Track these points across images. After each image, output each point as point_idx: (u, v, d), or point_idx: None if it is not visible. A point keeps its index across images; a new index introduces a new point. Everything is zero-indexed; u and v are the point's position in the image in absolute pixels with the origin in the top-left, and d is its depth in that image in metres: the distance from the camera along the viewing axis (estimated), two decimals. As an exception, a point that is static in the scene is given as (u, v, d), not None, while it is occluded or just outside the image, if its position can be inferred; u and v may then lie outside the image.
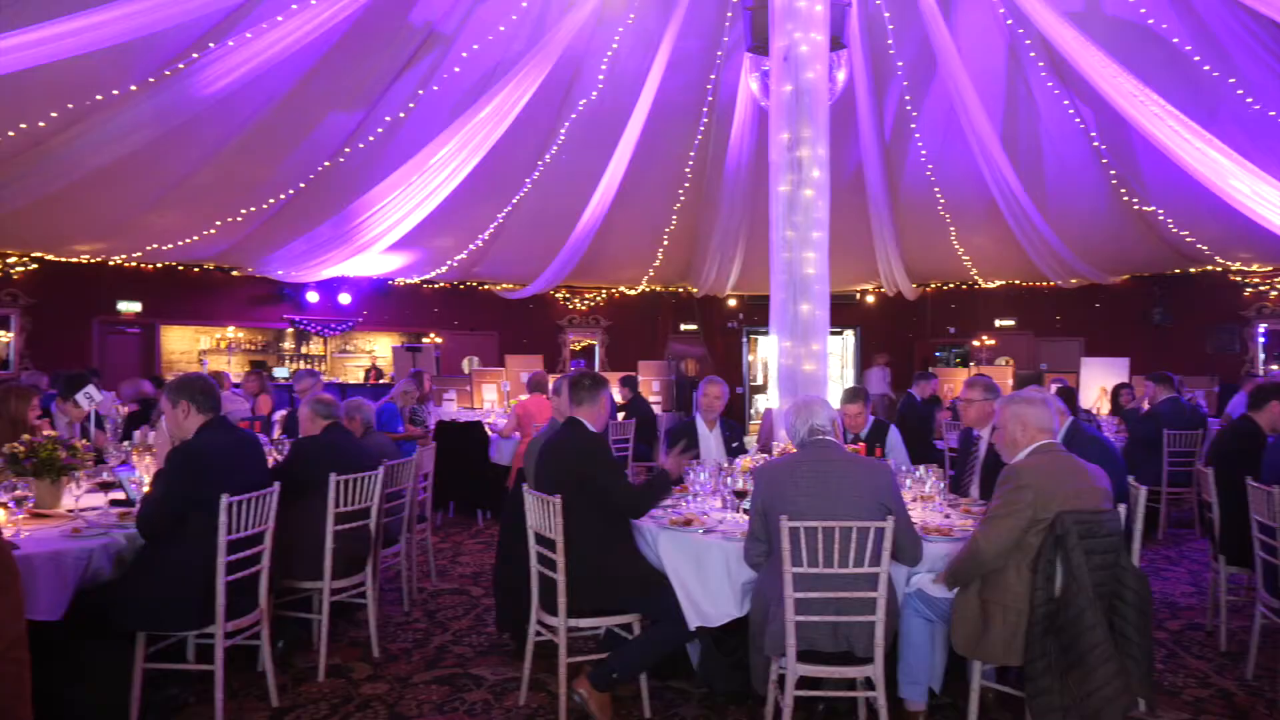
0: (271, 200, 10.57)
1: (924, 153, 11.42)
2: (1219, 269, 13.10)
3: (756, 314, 15.45)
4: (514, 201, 11.95)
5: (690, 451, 4.57)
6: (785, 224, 6.10)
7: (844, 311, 15.36)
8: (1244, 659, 4.35)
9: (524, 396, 8.23)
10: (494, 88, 9.24)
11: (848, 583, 3.18)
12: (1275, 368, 12.97)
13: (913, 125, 11.00)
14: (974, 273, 14.63)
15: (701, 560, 3.74)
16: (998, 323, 15.28)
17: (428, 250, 13.02)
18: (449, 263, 13.54)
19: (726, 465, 4.68)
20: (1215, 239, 11.88)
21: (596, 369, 13.39)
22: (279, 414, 7.40)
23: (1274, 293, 13.06)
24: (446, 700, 3.98)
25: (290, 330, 14.21)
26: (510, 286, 14.83)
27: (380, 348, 15.09)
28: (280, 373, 13.32)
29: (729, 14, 9.52)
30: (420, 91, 9.52)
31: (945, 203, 12.27)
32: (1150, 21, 8.43)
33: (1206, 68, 8.67)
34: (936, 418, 8.69)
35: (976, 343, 15.07)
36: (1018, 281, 14.77)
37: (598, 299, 15.80)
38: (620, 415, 8.58)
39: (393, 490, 4.97)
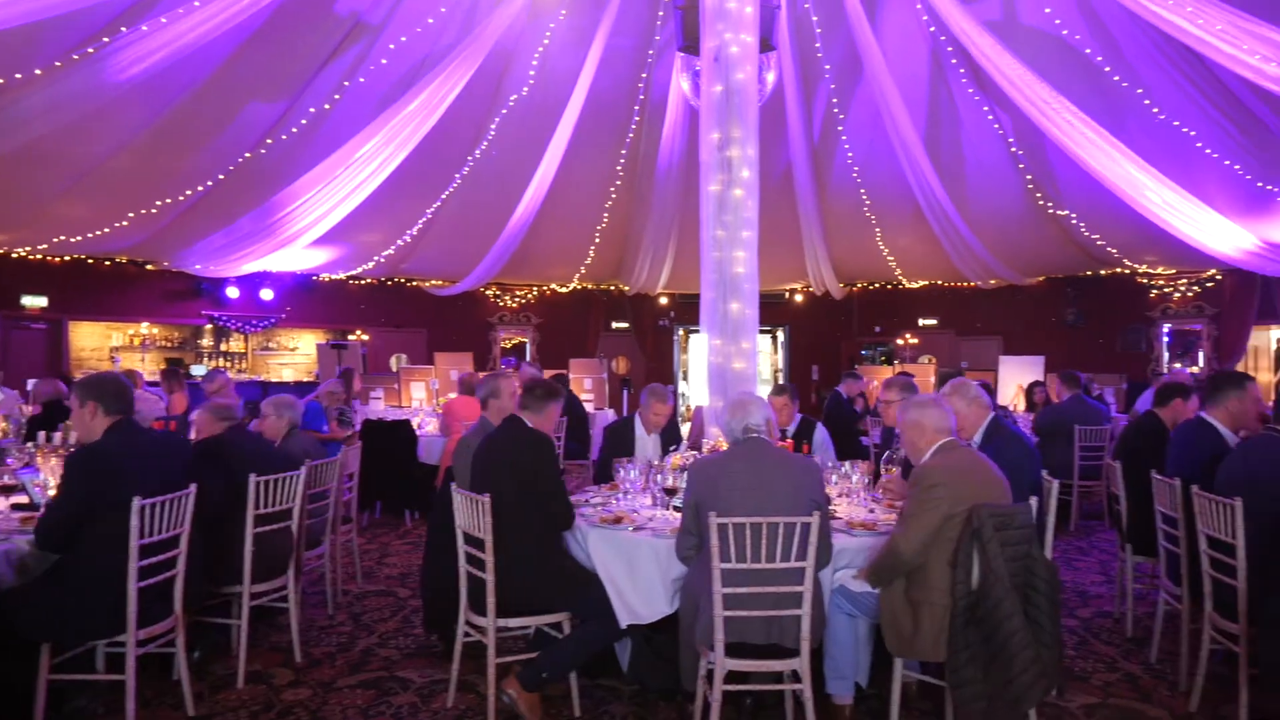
0: (189, 191, 10.21)
1: (851, 155, 11.64)
2: (1127, 271, 13.69)
3: (688, 312, 15.55)
4: (443, 197, 11.78)
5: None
6: (715, 223, 6.14)
7: (774, 310, 15.58)
8: (1148, 643, 4.56)
9: (452, 395, 8.12)
10: (423, 81, 9.09)
11: (777, 577, 3.23)
12: (1178, 366, 13.61)
13: (840, 128, 11.20)
14: (899, 273, 14.99)
15: (632, 558, 3.75)
16: (921, 322, 15.69)
17: (354, 245, 12.74)
18: (376, 258, 13.28)
19: (657, 463, 4.70)
20: (1124, 243, 12.40)
21: (532, 365, 13.28)
22: (195, 414, 7.14)
23: (1177, 295, 13.70)
24: (372, 704, 3.90)
25: (209, 327, 13.74)
26: (439, 283, 14.61)
27: (304, 345, 14.72)
28: (198, 370, 12.88)
29: (660, 13, 9.55)
30: (346, 83, 9.30)
31: (871, 204, 12.54)
32: (1064, 33, 8.75)
33: (1116, 78, 9.03)
34: (863, 415, 8.88)
35: (901, 341, 15.45)
36: (940, 282, 15.18)
37: (529, 296, 15.70)
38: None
39: (316, 491, 4.86)
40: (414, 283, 14.68)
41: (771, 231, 8.85)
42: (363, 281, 14.38)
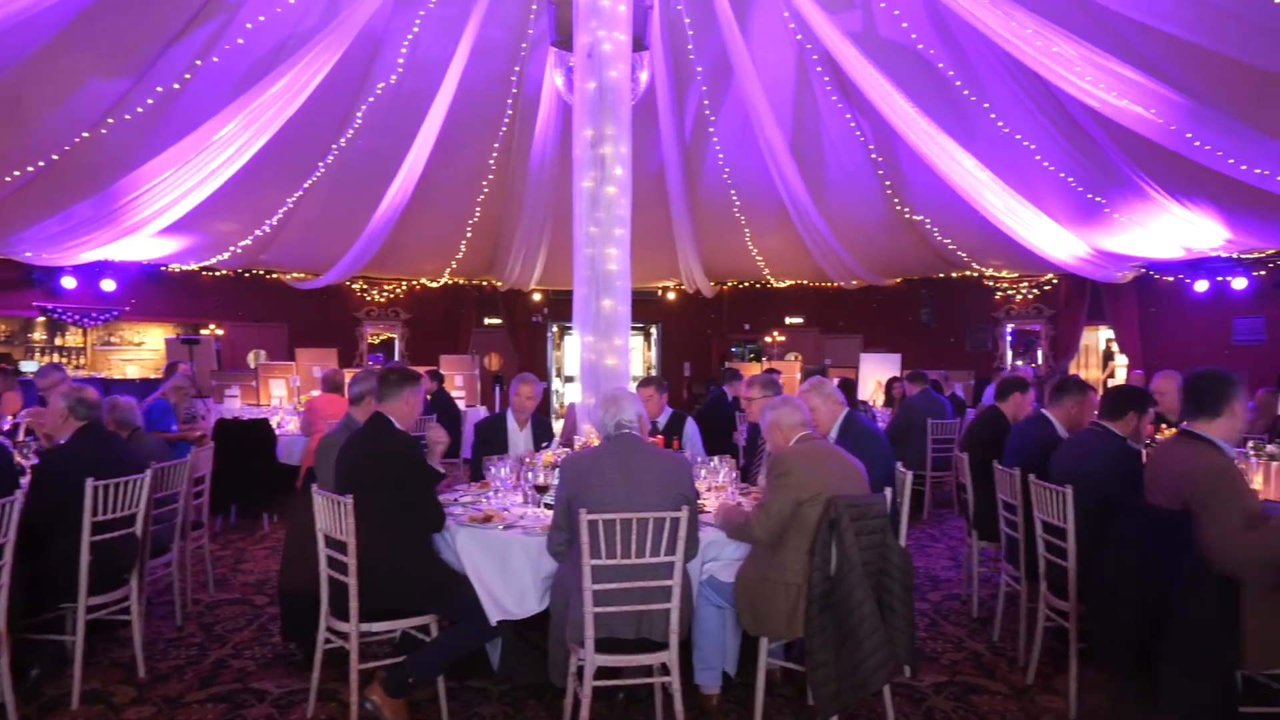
0: (16, 173, 9.37)
1: (721, 156, 11.88)
2: (975, 274, 14.57)
3: (562, 309, 15.51)
4: (306, 186, 11.29)
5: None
6: (588, 220, 6.14)
7: (646, 307, 15.74)
8: (992, 623, 4.88)
9: (315, 393, 7.81)
10: (285, 64, 8.67)
11: (647, 572, 3.26)
12: (1020, 363, 14.60)
13: (711, 129, 11.42)
14: (767, 273, 15.42)
15: (502, 557, 3.71)
16: (788, 320, 16.21)
17: (207, 235, 12.02)
18: (232, 248, 12.58)
19: (529, 460, 4.66)
20: (972, 247, 13.19)
21: (397, 362, 12.92)
22: (24, 414, 6.58)
23: (1019, 297, 14.69)
24: (223, 718, 3.70)
25: (41, 320, 12.68)
26: (302, 276, 13.99)
27: (152, 340, 13.79)
28: (29, 366, 11.87)
29: (534, 6, 9.47)
30: (199, 62, 8.75)
31: (741, 205, 12.84)
32: (920, 46, 9.21)
33: (966, 92, 9.58)
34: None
35: (769, 339, 15.92)
36: (806, 282, 15.72)
37: (397, 291, 15.26)
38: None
39: (163, 495, 4.57)
40: (274, 275, 14.00)
41: (644, 229, 8.92)
42: (217, 273, 13.60)
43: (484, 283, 15.42)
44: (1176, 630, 2.99)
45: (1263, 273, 12.01)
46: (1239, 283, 12.18)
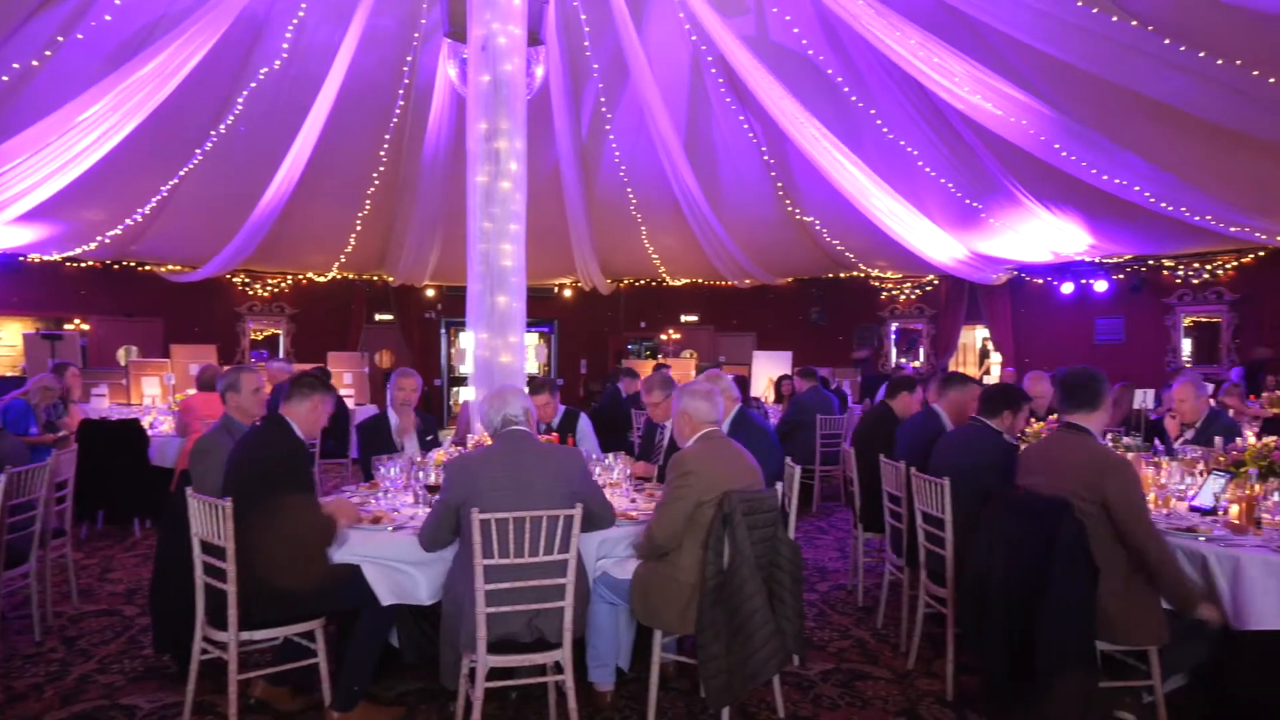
0: None
1: (618, 154, 11.92)
2: (862, 275, 15.09)
3: (456, 305, 15.23)
4: (182, 173, 10.72)
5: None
6: (483, 215, 6.05)
7: (542, 304, 15.64)
8: (876, 611, 5.06)
9: (191, 391, 7.43)
10: (158, 44, 8.20)
11: (540, 571, 3.23)
12: (904, 361, 15.21)
13: (608, 127, 11.43)
14: (663, 271, 15.56)
15: (394, 558, 3.62)
16: (683, 318, 16.41)
17: (72, 223, 11.27)
18: (100, 238, 11.83)
19: (420, 459, 4.56)
20: (859, 249, 13.65)
21: (282, 360, 12.41)
22: None
23: (903, 297, 15.29)
24: (89, 738, 3.48)
25: (-121, 312, 11.65)
26: (178, 268, 13.30)
27: (9, 335, 12.83)
28: None
29: (427, -5, 9.27)
30: (60, 38, 8.19)
31: (637, 203, 12.91)
32: (810, 52, 9.46)
33: (854, 99, 9.91)
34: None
35: (665, 337, 16.07)
36: (701, 280, 15.94)
37: (282, 285, 14.68)
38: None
39: (20, 502, 4.26)
40: (147, 267, 13.24)
41: (540, 226, 8.86)
42: (83, 264, 12.77)
43: (375, 278, 15.00)
44: (1049, 611, 3.17)
45: (1121, 276, 12.87)
46: (1100, 285, 13.02)
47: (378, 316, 15.47)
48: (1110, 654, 3.41)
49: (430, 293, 15.59)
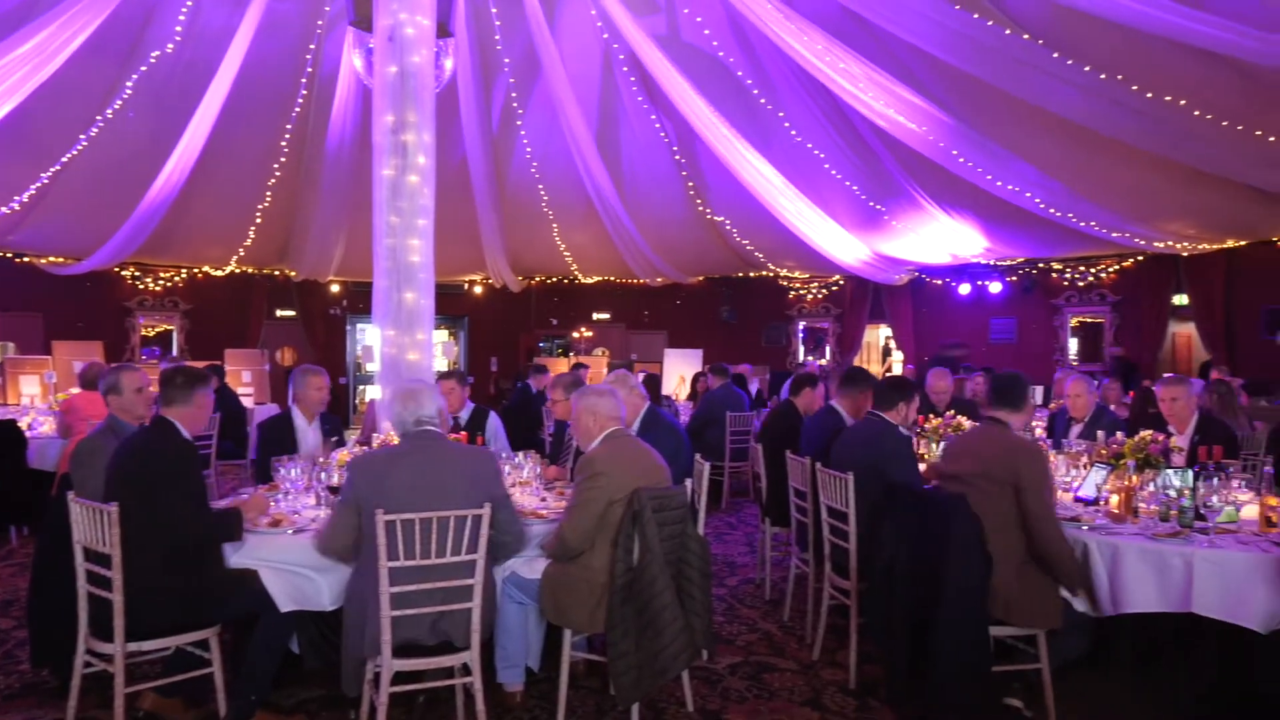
0: None
1: (529, 150, 11.81)
2: (771, 275, 15.37)
3: (362, 301, 14.85)
4: (64, 160, 10.11)
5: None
6: (389, 209, 5.92)
7: (452, 301, 15.41)
8: (783, 604, 5.16)
9: (74, 390, 7.04)
10: (35, 22, 7.72)
11: (448, 572, 3.18)
12: (811, 359, 15.56)
13: (519, 122, 11.32)
14: (575, 268, 15.51)
15: (293, 562, 3.51)
16: (595, 316, 16.40)
17: (-62, 210, 10.54)
18: (-28, 227, 11.09)
19: (322, 460, 4.42)
20: (768, 248, 13.90)
21: (176, 357, 11.87)
22: None
23: (810, 296, 15.65)
24: (-43, 761, 3.26)
25: None
26: (60, 260, 12.54)
27: None
28: None
29: (330, -18, 9.00)
30: (-77, 12, 7.65)
31: (549, 200, 12.83)
32: (721, 54, 9.58)
33: (763, 100, 10.07)
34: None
35: (576, 334, 16.02)
36: (613, 278, 15.95)
37: (176, 279, 14.02)
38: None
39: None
40: (25, 258, 12.45)
41: (449, 221, 8.71)
42: (-48, 254, 11.94)
43: (276, 272, 14.49)
44: (947, 600, 3.29)
45: (1014, 278, 13.48)
46: (995, 287, 13.61)
47: (279, 312, 14.95)
48: (1001, 639, 3.57)
49: (335, 288, 15.16)
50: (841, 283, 15.10)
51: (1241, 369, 10.56)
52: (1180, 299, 12.17)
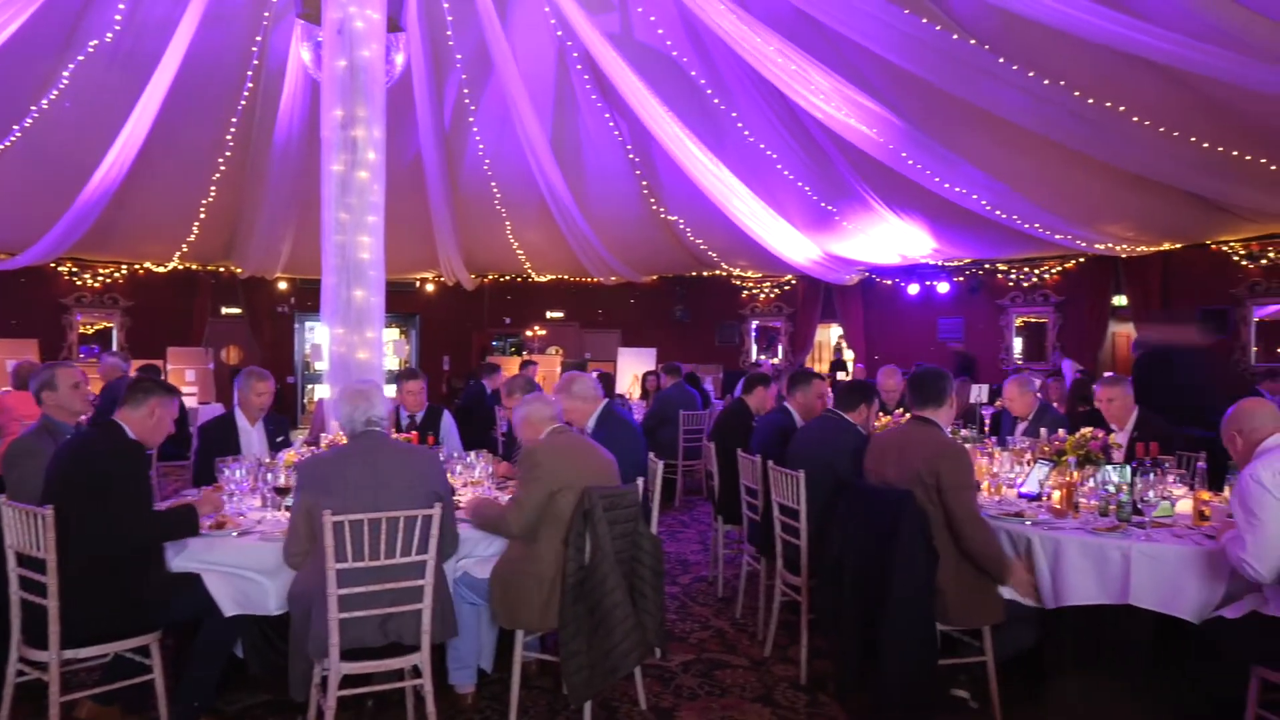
0: None
1: (482, 147, 11.72)
2: (724, 274, 15.46)
3: (311, 298, 14.59)
4: (-3, 151, 9.78)
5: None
6: (338, 206, 5.83)
7: (403, 299, 15.22)
8: (735, 601, 5.19)
9: (7, 389, 6.81)
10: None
11: (397, 573, 3.14)
12: (764, 357, 15.68)
13: (471, 119, 11.22)
14: (528, 267, 15.43)
15: (239, 565, 3.43)
16: (549, 314, 16.32)
17: None
18: (-103, 220, 10.66)
19: (268, 460, 4.34)
20: (721, 248, 13.98)
21: (116, 355, 11.53)
22: None
23: (763, 296, 15.77)
24: (-120, 776, 3.13)
25: None
26: (-7, 255, 12.14)
27: None
28: None
29: (278, -27, 8.83)
30: None
31: (502, 197, 12.74)
32: (675, 54, 9.60)
33: (716, 101, 10.12)
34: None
35: (530, 333, 15.94)
36: (566, 277, 15.91)
37: (116, 275, 13.63)
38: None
39: None
40: (-45, 253, 12.03)
41: (401, 218, 8.62)
42: (-124, 248, 11.47)
43: (221, 269, 14.17)
44: (895, 595, 3.34)
45: (961, 279, 13.75)
46: (943, 287, 13.86)
47: (225, 310, 14.61)
48: (948, 633, 3.63)
49: (283, 285, 14.88)
50: (794, 282, 15.25)
51: (1177, 368, 10.90)
52: (1120, 300, 12.52)
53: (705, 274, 15.55)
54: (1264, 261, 11.04)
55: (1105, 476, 3.80)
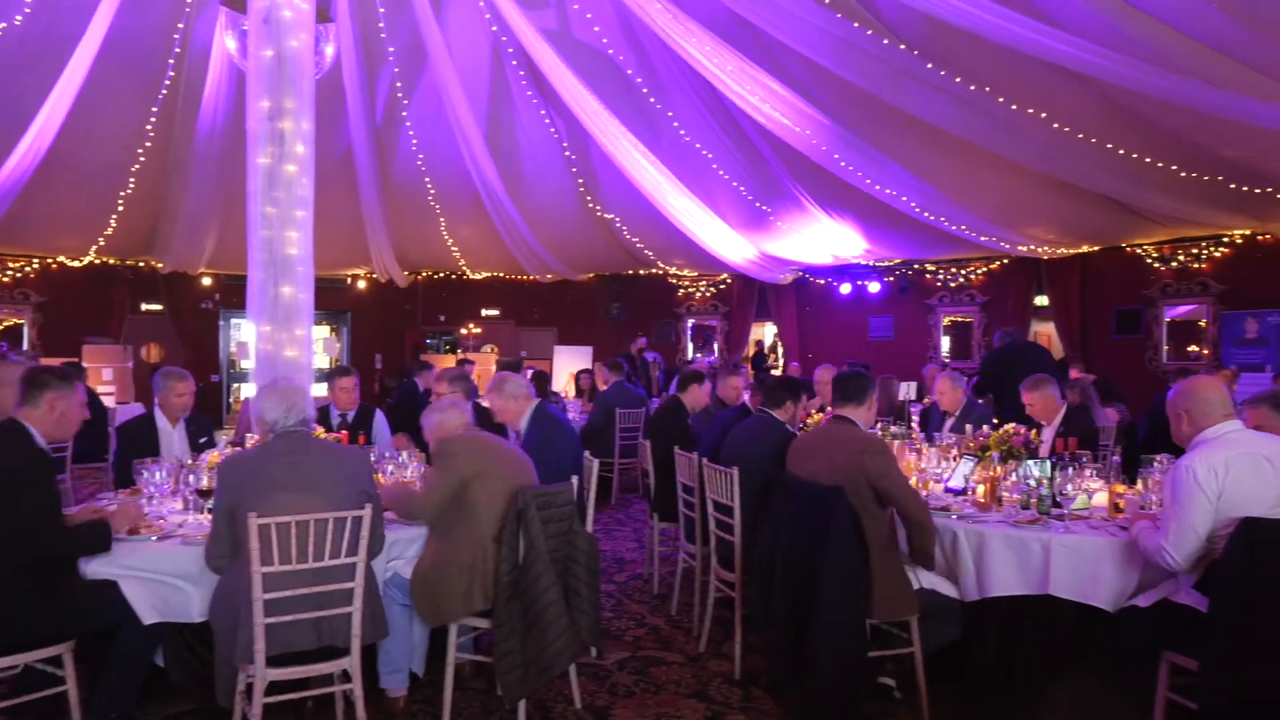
0: None
1: (415, 141, 11.52)
2: (660, 272, 15.51)
3: (237, 295, 14.17)
4: (-106, 138, 9.26)
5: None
6: (265, 200, 5.66)
7: (334, 296, 14.90)
8: (670, 598, 5.22)
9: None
10: None
11: (327, 576, 3.07)
12: (700, 355, 15.79)
13: (404, 113, 11.02)
14: (463, 264, 15.25)
15: (159, 571, 3.32)
16: (484, 312, 16.16)
17: None
18: None
19: (190, 461, 4.20)
20: (657, 247, 14.02)
21: (26, 352, 11.02)
22: None
23: (699, 294, 15.87)
24: None
25: None
26: (-109, 247, 11.49)
27: None
28: None
29: (200, -42, 8.54)
30: None
31: (435, 193, 12.56)
32: (611, 52, 9.59)
33: (652, 100, 10.14)
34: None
35: (465, 331, 15.76)
36: (502, 274, 15.77)
37: (27, 270, 13.02)
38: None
39: None
40: None
41: (331, 213, 8.41)
42: None
43: (141, 263, 13.66)
44: (826, 590, 3.39)
45: (892, 279, 14.06)
46: (874, 287, 14.15)
47: (145, 306, 14.09)
48: (877, 626, 3.71)
49: (207, 281, 14.42)
50: (729, 281, 15.38)
51: (1094, 367, 11.32)
52: (1041, 300, 12.95)
53: (642, 272, 15.59)
54: (1174, 264, 11.55)
55: (1027, 471, 3.92)
